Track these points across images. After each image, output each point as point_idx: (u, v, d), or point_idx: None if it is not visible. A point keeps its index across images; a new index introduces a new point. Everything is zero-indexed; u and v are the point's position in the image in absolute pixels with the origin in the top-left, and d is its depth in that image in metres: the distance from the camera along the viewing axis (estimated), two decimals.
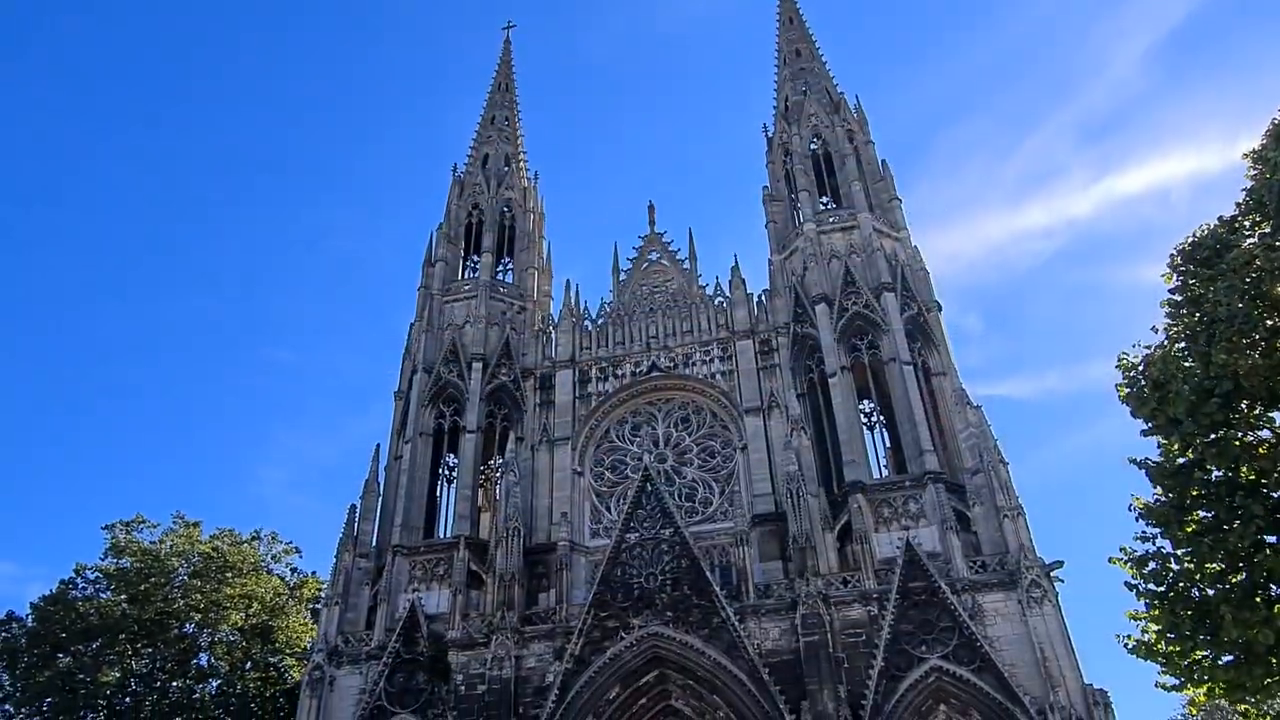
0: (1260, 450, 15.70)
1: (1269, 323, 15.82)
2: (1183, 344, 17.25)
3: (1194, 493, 16.46)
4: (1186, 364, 16.56)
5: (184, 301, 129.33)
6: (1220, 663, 16.56)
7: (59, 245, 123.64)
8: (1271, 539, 15.87)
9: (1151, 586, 16.77)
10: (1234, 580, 16.17)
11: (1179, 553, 16.61)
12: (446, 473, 44.11)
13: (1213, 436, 15.80)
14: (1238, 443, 15.72)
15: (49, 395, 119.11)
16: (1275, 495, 15.77)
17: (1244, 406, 16.04)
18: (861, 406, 42.18)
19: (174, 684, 41.83)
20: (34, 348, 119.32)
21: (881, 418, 42.62)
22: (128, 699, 40.76)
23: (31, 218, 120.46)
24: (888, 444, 42.30)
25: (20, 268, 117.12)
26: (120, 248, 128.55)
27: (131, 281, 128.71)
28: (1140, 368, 17.65)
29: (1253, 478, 15.63)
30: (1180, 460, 16.83)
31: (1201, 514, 16.83)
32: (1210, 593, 16.04)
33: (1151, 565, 16.84)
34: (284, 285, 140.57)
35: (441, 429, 43.78)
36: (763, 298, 44.65)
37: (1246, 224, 18.23)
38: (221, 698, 42.47)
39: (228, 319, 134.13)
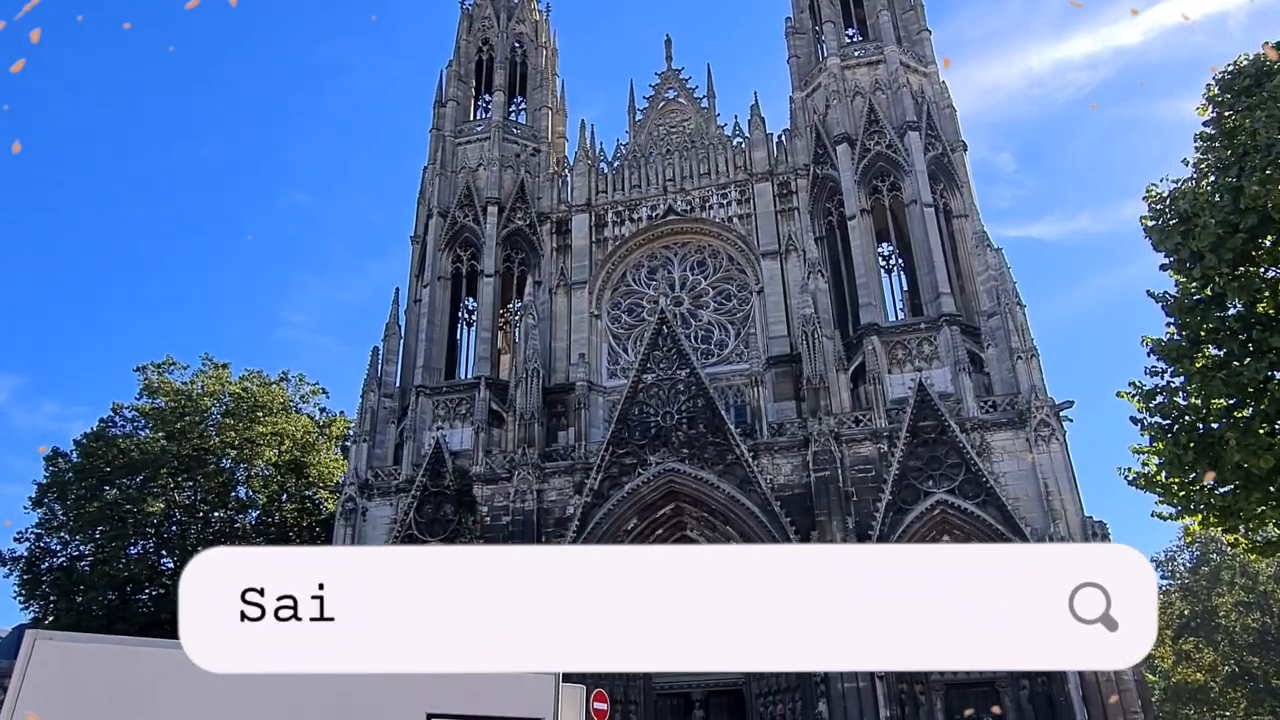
0: None
1: None
2: (1213, 178, 16.79)
3: (1208, 327, 16.49)
4: (1215, 198, 16.17)
5: (198, 143, 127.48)
6: (1219, 492, 17.09)
7: (70, 86, 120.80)
8: None
9: (1157, 420, 17.13)
10: (1239, 415, 16.44)
11: (1188, 388, 16.83)
12: (466, 315, 44.66)
13: (1236, 271, 15.62)
14: (1260, 278, 15.56)
15: (77, 239, 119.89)
16: None
17: (1269, 241, 15.79)
18: (880, 249, 41.82)
19: (216, 514, 44.22)
20: (55, 196, 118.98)
21: (900, 260, 42.34)
22: (174, 527, 43.24)
23: (42, 59, 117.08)
24: (905, 287, 42.25)
25: (31, 114, 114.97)
26: (125, 89, 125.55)
27: (144, 122, 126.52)
28: (1167, 200, 17.28)
29: (1271, 312, 15.59)
30: (1197, 297, 16.79)
31: (1213, 350, 16.94)
32: (1215, 427, 16.37)
33: (1159, 399, 17.14)
34: (297, 127, 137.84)
35: (459, 273, 44.02)
36: (783, 138, 43.41)
37: None
38: (261, 527, 44.97)
39: (242, 162, 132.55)
